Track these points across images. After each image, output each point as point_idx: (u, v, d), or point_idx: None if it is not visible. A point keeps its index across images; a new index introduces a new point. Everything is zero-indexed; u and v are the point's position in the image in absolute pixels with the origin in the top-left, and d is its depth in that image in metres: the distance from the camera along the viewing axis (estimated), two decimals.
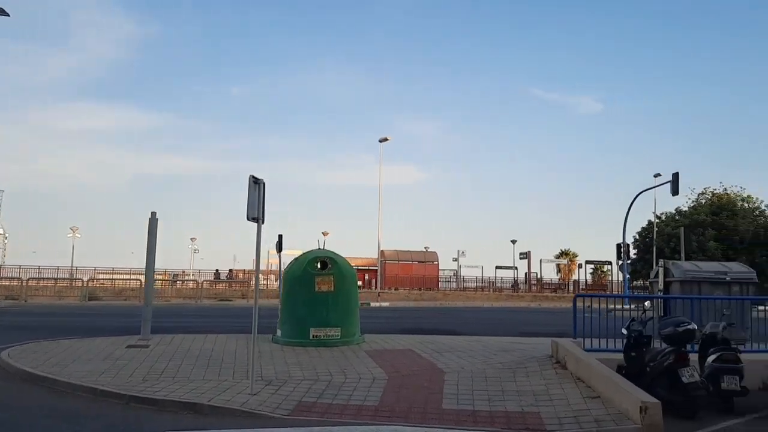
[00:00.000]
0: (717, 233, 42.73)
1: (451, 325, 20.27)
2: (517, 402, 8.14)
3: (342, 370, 9.87)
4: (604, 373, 8.23)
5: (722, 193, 47.44)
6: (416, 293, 42.80)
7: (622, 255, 33.11)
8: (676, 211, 46.09)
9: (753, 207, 47.09)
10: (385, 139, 37.48)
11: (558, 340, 10.23)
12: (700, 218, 43.28)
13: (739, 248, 42.36)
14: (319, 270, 12.28)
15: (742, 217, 43.46)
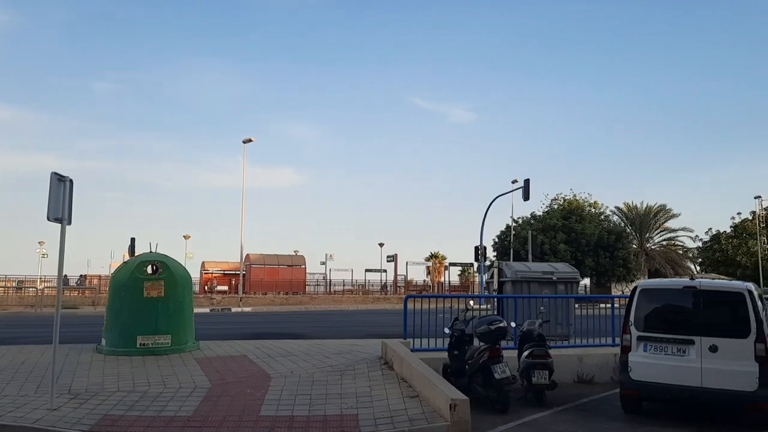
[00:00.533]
0: (567, 236, 45.69)
1: (303, 329, 20.07)
2: (338, 405, 8.07)
3: (163, 379, 9.35)
4: (422, 373, 8.35)
5: (572, 198, 50.97)
6: (282, 297, 42.22)
7: (479, 257, 34.53)
8: (531, 216, 48.90)
9: (599, 212, 50.94)
10: (249, 140, 36.63)
11: (387, 341, 10.32)
12: (552, 222, 46.12)
13: (586, 250, 45.55)
14: (148, 275, 11.61)
15: (589, 222, 46.81)
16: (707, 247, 61.24)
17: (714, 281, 8.39)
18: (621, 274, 46.33)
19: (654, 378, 7.97)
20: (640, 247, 53.41)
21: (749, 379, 7.48)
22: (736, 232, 59.26)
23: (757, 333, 7.56)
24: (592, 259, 45.66)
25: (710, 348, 7.70)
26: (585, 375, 10.85)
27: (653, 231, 54.79)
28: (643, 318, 8.25)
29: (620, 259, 46.01)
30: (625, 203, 55.33)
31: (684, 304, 8.15)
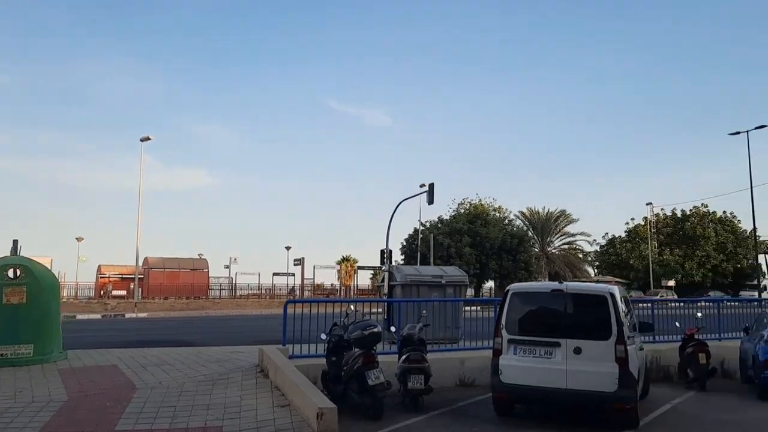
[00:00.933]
0: (472, 240, 46.70)
1: (194, 336, 19.34)
2: (203, 417, 7.68)
3: (15, 393, 8.61)
4: (294, 380, 8.09)
5: (478, 203, 52.24)
6: (183, 302, 40.76)
7: (384, 260, 34.61)
8: (438, 220, 49.67)
9: (503, 217, 52.45)
10: (147, 138, 35.10)
11: (264, 348, 10.00)
12: (458, 226, 47.04)
13: (491, 253, 46.72)
14: (9, 280, 10.72)
15: (493, 226, 48.07)
16: (604, 251, 64.47)
17: (580, 285, 8.61)
18: (523, 277, 47.77)
19: (523, 381, 8.06)
20: (542, 250, 55.43)
21: (610, 379, 7.69)
22: (630, 236, 62.75)
23: (618, 335, 7.79)
24: (495, 262, 46.87)
25: (575, 350, 7.86)
26: (467, 378, 10.92)
27: (554, 235, 57.10)
28: (514, 321, 8.35)
29: (522, 263, 47.50)
30: (528, 208, 57.43)
31: (552, 308, 8.31)
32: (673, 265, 58.11)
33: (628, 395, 7.73)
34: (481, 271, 47.43)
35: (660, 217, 62.58)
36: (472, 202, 52.07)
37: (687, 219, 60.95)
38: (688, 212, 61.57)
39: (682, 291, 56.61)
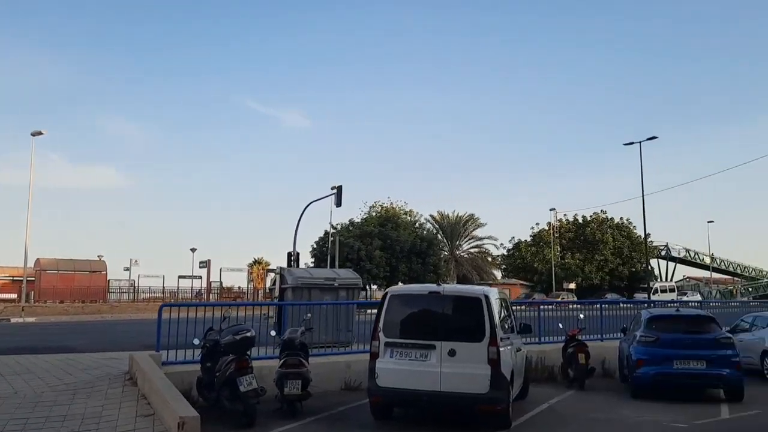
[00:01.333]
0: (383, 243, 46.90)
1: (79, 341, 18.24)
2: (57, 429, 7.14)
3: None
4: (159, 388, 7.68)
5: (389, 206, 52.58)
6: (78, 306, 38.63)
7: (292, 262, 34.14)
8: (349, 222, 49.63)
9: (414, 220, 53.02)
10: (39, 133, 32.96)
11: (134, 354, 9.49)
12: (369, 229, 47.14)
13: (401, 256, 47.08)
14: None
15: (404, 229, 48.49)
16: (510, 254, 66.48)
17: (457, 286, 8.65)
18: (432, 280, 48.41)
19: (398, 384, 7.99)
20: (451, 254, 56.43)
21: (482, 381, 7.74)
22: (535, 241, 65.01)
23: (491, 337, 7.86)
24: (405, 264, 47.28)
25: (449, 352, 7.87)
26: (352, 382, 10.79)
27: (463, 239, 58.28)
28: (392, 324, 8.27)
29: (431, 265, 48.15)
30: (439, 212, 58.32)
31: (429, 310, 8.31)
32: (573, 268, 60.61)
33: (499, 396, 7.81)
34: (391, 274, 47.70)
35: (563, 223, 65.16)
36: (383, 205, 52.40)
37: (587, 225, 63.77)
38: (588, 218, 64.44)
39: (582, 293, 59.18)
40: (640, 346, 11.06)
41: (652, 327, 11.25)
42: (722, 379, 10.56)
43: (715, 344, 10.69)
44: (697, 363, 10.60)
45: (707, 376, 10.60)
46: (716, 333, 10.91)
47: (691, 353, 10.66)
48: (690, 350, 10.69)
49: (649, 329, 11.24)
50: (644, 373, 10.77)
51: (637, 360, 10.94)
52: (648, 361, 10.78)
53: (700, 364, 10.58)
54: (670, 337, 10.89)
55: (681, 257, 75.50)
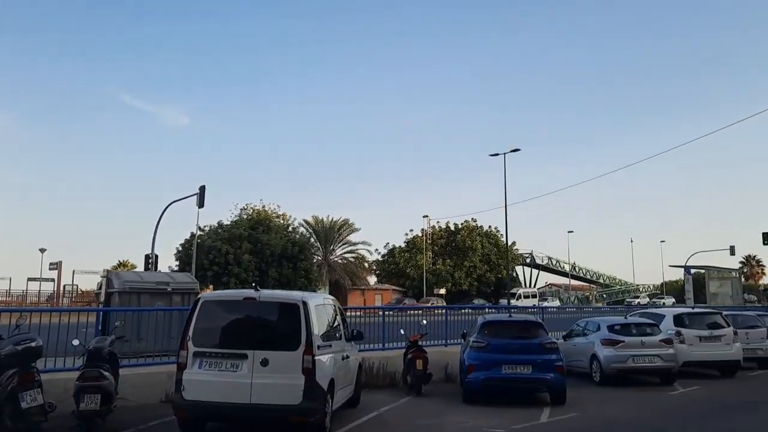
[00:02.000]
0: (253, 247, 45.61)
1: None
2: None
3: None
4: None
5: (261, 209, 51.33)
6: None
7: (149, 265, 32.27)
8: (218, 225, 47.86)
9: (287, 224, 52.10)
10: None
11: None
12: (239, 232, 45.69)
13: (271, 261, 46.01)
14: None
15: (275, 233, 47.42)
16: (384, 260, 67.23)
17: (274, 292, 8.29)
18: (303, 285, 47.76)
19: (207, 397, 7.46)
20: (325, 258, 56.04)
21: (295, 392, 7.38)
22: (409, 247, 66.16)
23: (307, 345, 7.52)
24: (276, 269, 46.26)
25: (262, 362, 7.45)
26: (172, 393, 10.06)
27: (337, 244, 58.05)
28: (202, 332, 7.73)
29: (303, 270, 47.44)
30: (313, 216, 57.73)
31: (243, 317, 7.86)
32: (444, 274, 62.26)
33: (313, 407, 7.48)
34: (261, 279, 46.50)
35: (436, 230, 66.80)
36: (255, 208, 51.07)
37: (458, 232, 65.76)
38: (459, 226, 66.47)
39: (451, 298, 60.96)
40: (472, 352, 11.20)
41: (485, 332, 11.44)
42: (546, 383, 10.89)
43: (541, 349, 11.01)
44: (524, 368, 10.87)
45: (533, 380, 10.89)
46: (542, 338, 11.24)
47: (519, 358, 10.92)
48: (518, 355, 10.95)
49: (481, 335, 11.41)
50: (475, 378, 10.89)
51: (469, 365, 11.06)
52: (479, 366, 10.92)
53: (527, 368, 10.86)
54: (500, 343, 11.10)
55: (544, 265, 79.96)
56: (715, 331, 15.23)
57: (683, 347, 14.91)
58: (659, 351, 13.71)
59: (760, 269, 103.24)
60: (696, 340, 15.09)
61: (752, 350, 17.02)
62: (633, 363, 13.62)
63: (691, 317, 15.80)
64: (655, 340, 13.84)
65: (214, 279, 45.15)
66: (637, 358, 13.64)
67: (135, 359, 10.70)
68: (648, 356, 13.66)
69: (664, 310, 16.66)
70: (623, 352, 13.65)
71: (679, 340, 14.96)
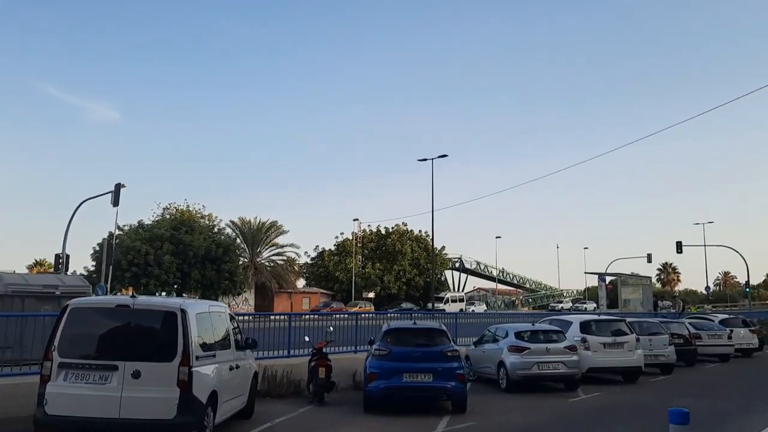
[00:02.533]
0: (175, 248, 44.16)
1: None
2: None
3: None
4: None
5: (185, 209, 49.79)
6: None
7: (59, 266, 30.71)
8: (138, 224, 46.11)
9: (212, 225, 50.76)
10: None
11: None
12: (160, 232, 44.15)
13: (194, 262, 44.67)
14: None
15: (199, 233, 46.07)
16: (314, 263, 66.56)
17: (151, 299, 7.82)
18: (227, 287, 46.66)
19: (72, 412, 6.92)
20: (251, 261, 54.89)
21: (168, 406, 6.95)
22: (339, 250, 65.73)
23: (183, 356, 7.10)
24: (198, 271, 44.96)
25: (133, 374, 6.97)
26: None
27: (264, 246, 56.94)
28: (70, 342, 7.18)
29: (227, 273, 46.30)
30: (240, 218, 56.42)
31: (115, 325, 7.34)
32: (373, 278, 62.16)
33: (189, 422, 7.07)
34: (183, 281, 45.13)
35: (366, 233, 66.63)
36: (179, 208, 49.49)
37: (389, 236, 65.82)
38: (390, 229, 66.57)
39: (380, 302, 60.93)
40: (374, 360, 10.98)
41: (387, 340, 11.23)
42: (446, 392, 10.77)
43: (442, 357, 10.89)
44: (424, 376, 10.72)
45: (434, 388, 10.74)
46: (444, 346, 11.12)
47: (420, 366, 10.76)
48: (419, 363, 10.79)
49: (384, 342, 11.21)
50: (375, 387, 10.67)
51: (370, 374, 10.83)
52: (379, 374, 10.71)
53: (428, 377, 10.72)
54: (402, 351, 10.92)
55: (472, 269, 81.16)
56: (618, 338, 15.61)
57: (588, 354, 15.20)
58: (563, 358, 13.90)
59: (676, 276, 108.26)
60: (600, 346, 15.42)
61: (655, 356, 17.57)
62: (538, 370, 13.76)
63: (597, 324, 16.15)
64: (560, 347, 14.03)
65: (133, 280, 43.50)
66: (542, 364, 13.78)
67: (9, 368, 9.93)
68: (552, 363, 13.83)
69: (572, 317, 16.96)
70: (529, 358, 13.77)
71: (584, 347, 15.26)
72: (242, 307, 53.02)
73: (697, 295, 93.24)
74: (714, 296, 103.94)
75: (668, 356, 17.64)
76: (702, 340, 21.71)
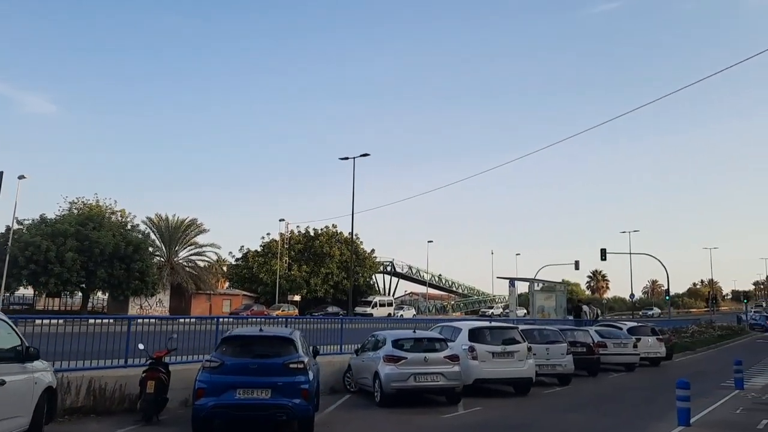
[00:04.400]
0: (80, 244, 41.34)
1: None
2: None
3: None
4: None
5: (95, 204, 46.89)
6: None
7: None
8: (41, 219, 43.02)
9: (124, 221, 47.97)
10: None
11: None
12: (64, 228, 41.24)
13: (100, 260, 41.93)
14: None
15: (108, 230, 43.32)
16: (238, 264, 64.09)
17: None
18: (137, 287, 44.02)
19: None
20: (168, 260, 52.19)
21: None
22: (264, 251, 63.53)
23: None
24: (106, 270, 42.20)
25: None
26: None
27: (182, 245, 54.24)
28: None
29: (137, 272, 43.67)
30: (157, 214, 53.45)
31: None
32: (299, 280, 60.26)
33: None
34: (88, 279, 42.29)
35: (294, 234, 64.70)
36: (87, 202, 46.51)
37: (317, 237, 64.07)
38: (319, 231, 64.78)
39: (306, 305, 59.11)
40: (205, 373, 9.37)
41: (223, 350, 9.66)
42: (287, 410, 9.22)
43: (284, 370, 9.36)
44: (262, 392, 9.20)
45: (272, 406, 9.18)
46: (289, 357, 9.59)
47: (257, 381, 9.23)
48: (257, 377, 9.26)
49: (218, 352, 9.64)
50: (202, 405, 9.08)
51: (198, 389, 9.22)
52: (208, 390, 9.13)
53: (265, 393, 9.19)
54: (238, 363, 9.36)
55: (404, 273, 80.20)
56: (509, 347, 14.50)
57: (475, 364, 14.05)
58: (443, 369, 12.65)
59: (605, 283, 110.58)
60: (489, 356, 14.28)
61: (552, 366, 16.63)
62: (414, 382, 12.47)
63: (487, 332, 15.00)
64: (440, 357, 12.78)
65: (31, 278, 40.48)
66: (420, 376, 12.50)
67: None
68: (431, 374, 12.56)
69: (462, 324, 15.75)
70: (404, 369, 12.47)
71: (472, 356, 14.10)
72: (156, 309, 50.36)
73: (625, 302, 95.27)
74: (640, 304, 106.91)
75: (566, 366, 16.71)
76: (607, 348, 21.03)
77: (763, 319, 55.36)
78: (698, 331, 36.54)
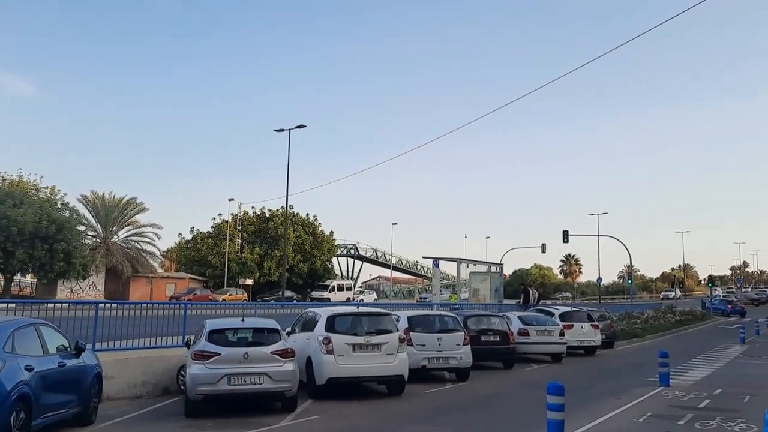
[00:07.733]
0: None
1: None
2: None
3: None
4: None
5: (17, 180, 43.51)
6: None
7: None
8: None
9: (52, 199, 44.63)
10: None
11: None
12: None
13: (19, 240, 38.70)
14: None
15: (29, 207, 40.02)
16: (187, 246, 60.91)
17: None
18: (61, 269, 40.82)
19: None
20: (104, 241, 48.97)
21: None
22: (216, 232, 60.47)
23: None
24: (26, 251, 38.96)
25: None
26: None
27: (119, 225, 50.94)
28: None
29: (62, 253, 40.44)
30: (92, 191, 50.02)
31: None
32: (250, 263, 57.33)
33: None
34: (6, 261, 39.05)
35: (247, 215, 61.68)
36: (9, 178, 43.11)
37: (272, 218, 61.11)
38: (275, 212, 61.77)
39: (259, 289, 56.21)
40: None
41: None
42: None
43: None
44: None
45: None
46: None
47: None
48: None
49: None
50: None
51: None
52: None
53: None
54: None
55: (368, 257, 77.51)
56: (374, 338, 11.73)
57: (328, 359, 11.30)
58: (268, 367, 9.87)
59: (578, 267, 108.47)
60: (348, 349, 11.50)
61: (444, 359, 13.99)
62: (228, 385, 9.67)
63: (350, 319, 12.21)
64: (265, 352, 9.99)
65: None
66: (235, 377, 9.72)
67: None
68: (251, 375, 9.78)
69: (322, 310, 12.88)
70: (215, 369, 9.67)
71: (326, 350, 11.36)
72: (89, 293, 47.23)
73: (597, 287, 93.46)
74: (614, 288, 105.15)
75: (461, 359, 14.04)
76: (529, 336, 18.42)
77: (724, 303, 53.34)
78: (654, 316, 34.17)
